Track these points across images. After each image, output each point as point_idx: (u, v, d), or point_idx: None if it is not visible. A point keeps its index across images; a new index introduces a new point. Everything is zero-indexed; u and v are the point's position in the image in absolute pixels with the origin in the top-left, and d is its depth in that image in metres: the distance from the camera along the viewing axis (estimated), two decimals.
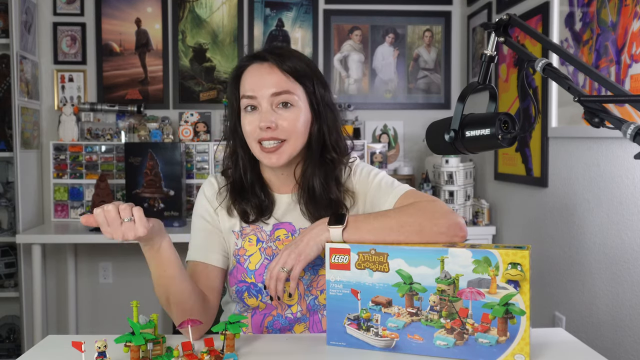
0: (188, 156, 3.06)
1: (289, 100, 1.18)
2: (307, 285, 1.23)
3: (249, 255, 1.24)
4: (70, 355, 0.96)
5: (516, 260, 0.95)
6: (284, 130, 1.17)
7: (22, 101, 2.89)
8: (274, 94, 1.17)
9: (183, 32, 3.26)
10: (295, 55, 1.22)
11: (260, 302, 1.23)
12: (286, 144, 1.18)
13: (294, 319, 1.24)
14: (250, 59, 1.22)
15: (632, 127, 0.74)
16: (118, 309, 3.11)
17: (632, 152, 1.68)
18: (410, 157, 3.38)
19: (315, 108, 1.22)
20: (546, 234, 2.33)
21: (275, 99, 1.18)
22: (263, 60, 1.20)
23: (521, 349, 0.96)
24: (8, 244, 3.03)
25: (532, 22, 2.37)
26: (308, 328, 1.25)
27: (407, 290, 1.01)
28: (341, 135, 1.27)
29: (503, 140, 0.93)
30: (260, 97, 1.17)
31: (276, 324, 1.25)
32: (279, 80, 1.18)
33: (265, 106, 1.17)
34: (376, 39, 3.34)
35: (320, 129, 1.23)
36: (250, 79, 1.20)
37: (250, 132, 1.19)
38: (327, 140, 1.23)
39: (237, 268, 1.24)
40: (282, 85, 1.18)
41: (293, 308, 1.24)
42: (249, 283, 1.23)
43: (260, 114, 1.18)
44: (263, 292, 1.22)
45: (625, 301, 1.82)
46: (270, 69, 1.19)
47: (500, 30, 0.94)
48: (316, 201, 1.23)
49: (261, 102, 1.18)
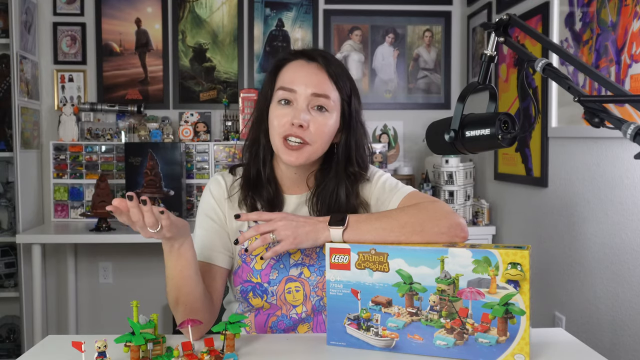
0: (188, 156, 3.06)
1: (325, 104, 1.18)
2: (313, 286, 1.23)
3: (256, 255, 1.23)
4: (70, 355, 0.96)
5: (516, 260, 0.95)
6: (312, 133, 1.17)
7: (22, 101, 2.89)
8: (314, 94, 1.17)
9: (183, 32, 3.26)
10: (341, 65, 1.23)
11: (265, 302, 1.23)
12: (309, 146, 1.17)
13: (299, 319, 1.24)
14: (297, 54, 1.22)
15: (632, 127, 0.74)
16: (118, 309, 3.11)
17: (632, 152, 1.68)
18: (410, 157, 3.38)
19: (347, 120, 1.22)
20: (546, 234, 2.33)
21: (313, 100, 1.17)
22: (311, 59, 1.20)
23: (521, 348, 0.96)
24: (8, 244, 3.03)
25: (532, 22, 2.37)
26: (312, 328, 1.25)
27: (407, 290, 1.02)
28: (367, 154, 1.27)
29: (503, 140, 0.93)
30: (299, 92, 1.17)
31: (280, 325, 1.24)
32: (322, 83, 1.18)
33: (302, 104, 1.17)
34: (376, 39, 3.34)
35: (348, 142, 1.23)
36: (294, 74, 1.19)
37: (279, 126, 1.17)
38: (352, 154, 1.23)
39: (243, 268, 1.24)
40: (324, 88, 1.18)
41: (298, 309, 1.23)
42: (255, 283, 1.22)
43: (295, 110, 1.17)
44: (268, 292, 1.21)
45: (625, 301, 1.82)
46: (318, 70, 1.19)
47: (500, 30, 0.95)
48: (330, 209, 1.22)
49: (299, 98, 1.17)
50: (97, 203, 2.74)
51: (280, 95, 1.19)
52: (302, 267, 1.23)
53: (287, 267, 1.23)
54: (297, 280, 1.23)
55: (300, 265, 1.23)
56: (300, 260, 1.23)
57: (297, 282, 1.22)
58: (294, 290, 1.21)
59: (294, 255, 1.23)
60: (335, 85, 1.19)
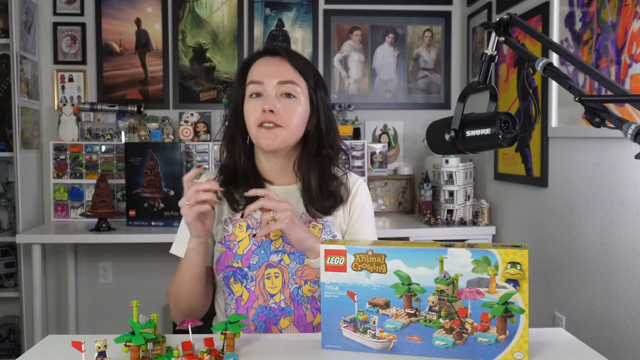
0: (188, 156, 3.06)
1: (292, 91, 1.27)
2: (292, 273, 1.27)
3: (239, 240, 1.29)
4: (70, 355, 0.96)
5: (515, 259, 0.95)
6: (283, 118, 1.25)
7: (22, 101, 2.89)
8: (280, 82, 1.26)
9: (183, 32, 3.26)
10: (304, 58, 1.34)
11: (244, 288, 1.27)
12: (282, 129, 1.25)
13: (278, 309, 1.27)
14: (261, 53, 1.33)
15: (633, 127, 0.74)
16: (118, 309, 3.11)
17: (633, 152, 1.68)
18: (410, 157, 3.38)
19: (315, 105, 1.31)
20: (546, 233, 2.33)
21: (280, 88, 1.26)
22: (275, 54, 1.31)
23: (520, 347, 0.96)
24: (8, 244, 3.03)
25: (532, 22, 2.37)
26: (293, 322, 1.28)
27: (406, 291, 1.01)
28: (338, 137, 1.36)
29: (503, 140, 0.93)
30: (267, 83, 1.26)
31: (261, 316, 1.27)
32: (286, 72, 1.28)
33: (271, 92, 1.26)
34: (376, 39, 3.34)
35: (318, 126, 1.31)
36: (260, 68, 1.29)
37: (253, 116, 1.26)
38: (324, 138, 1.32)
39: (226, 253, 1.29)
40: (289, 76, 1.28)
41: (276, 297, 1.27)
42: (236, 268, 1.27)
43: (265, 99, 1.25)
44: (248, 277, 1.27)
45: (625, 301, 1.82)
46: (281, 61, 1.29)
47: (501, 30, 0.94)
48: (314, 193, 1.30)
49: (267, 88, 1.26)
50: (97, 203, 2.74)
51: (250, 89, 1.28)
52: (282, 254, 1.28)
53: (267, 253, 1.28)
54: (277, 266, 1.28)
55: (281, 252, 1.28)
56: (281, 247, 1.28)
57: (276, 269, 1.27)
58: (273, 276, 1.27)
59: (275, 242, 1.28)
60: (300, 74, 1.29)
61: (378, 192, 3.23)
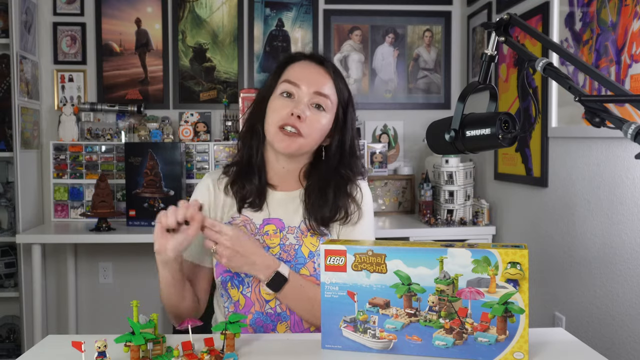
0: (188, 156, 3.06)
1: (323, 104, 1.26)
2: None
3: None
4: (70, 355, 0.96)
5: (515, 259, 0.95)
6: (307, 126, 1.24)
7: (22, 101, 2.89)
8: (316, 92, 1.25)
9: (183, 32, 3.26)
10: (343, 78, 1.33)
11: (240, 294, 1.27)
12: (302, 138, 1.24)
13: (275, 315, 1.27)
14: (307, 57, 1.31)
15: (633, 127, 0.74)
16: (118, 309, 3.11)
17: (633, 152, 1.68)
18: (410, 157, 3.38)
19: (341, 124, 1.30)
20: (546, 233, 2.33)
21: (314, 98, 1.25)
22: (320, 63, 1.30)
23: (520, 346, 0.96)
24: (8, 244, 3.03)
25: (532, 22, 2.37)
26: (290, 327, 1.28)
27: (406, 291, 1.01)
28: (360, 161, 1.34)
29: (503, 140, 0.93)
30: (303, 88, 1.25)
31: (258, 321, 1.27)
32: (326, 85, 1.27)
33: (303, 98, 1.25)
34: (376, 39, 3.34)
35: (342, 144, 1.30)
36: (301, 70, 1.28)
37: (277, 116, 1.24)
38: (345, 159, 1.31)
39: None
40: (327, 90, 1.27)
41: (271, 303, 1.27)
42: (233, 273, 1.27)
43: (295, 103, 1.24)
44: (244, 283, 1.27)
45: (626, 301, 1.82)
46: (325, 73, 1.29)
47: (501, 30, 0.94)
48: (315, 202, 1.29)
49: (301, 93, 1.25)
50: (97, 203, 2.74)
51: (283, 87, 1.26)
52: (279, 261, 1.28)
53: None
54: None
55: (278, 260, 1.26)
56: (278, 255, 1.28)
57: None
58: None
59: (272, 250, 1.28)
60: (336, 90, 1.28)
61: (378, 192, 3.23)
